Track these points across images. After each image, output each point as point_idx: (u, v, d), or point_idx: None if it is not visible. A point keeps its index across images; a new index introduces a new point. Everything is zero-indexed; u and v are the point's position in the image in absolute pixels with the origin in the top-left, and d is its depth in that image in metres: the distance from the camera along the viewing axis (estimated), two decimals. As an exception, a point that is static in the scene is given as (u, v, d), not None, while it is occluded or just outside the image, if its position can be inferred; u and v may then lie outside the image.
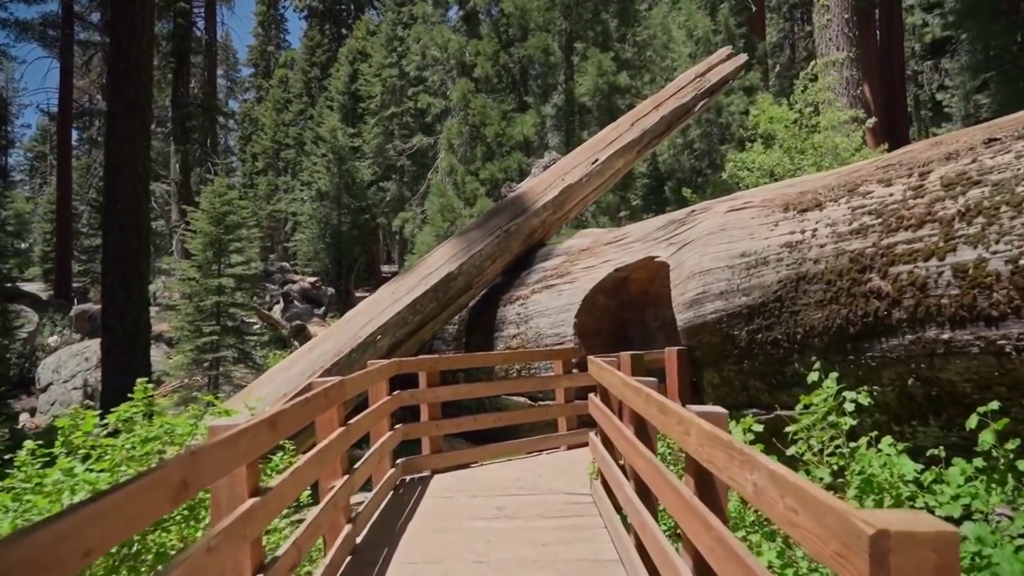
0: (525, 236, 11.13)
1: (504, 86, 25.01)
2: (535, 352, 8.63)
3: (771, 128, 13.22)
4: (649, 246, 8.35)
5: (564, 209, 11.60)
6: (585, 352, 8.84)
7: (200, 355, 21.42)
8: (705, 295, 6.75)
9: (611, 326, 9.20)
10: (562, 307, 9.24)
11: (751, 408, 6.61)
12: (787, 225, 6.28)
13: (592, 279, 9.01)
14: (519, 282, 10.61)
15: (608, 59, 23.77)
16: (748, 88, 28.66)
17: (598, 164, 11.88)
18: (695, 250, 7.11)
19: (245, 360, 22.91)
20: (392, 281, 10.66)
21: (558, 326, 9.19)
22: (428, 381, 7.54)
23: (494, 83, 24.91)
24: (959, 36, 20.73)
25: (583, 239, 10.43)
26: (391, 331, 9.70)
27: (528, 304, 9.95)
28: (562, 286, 9.50)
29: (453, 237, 11.42)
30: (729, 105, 28.30)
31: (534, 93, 24.95)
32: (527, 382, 8.36)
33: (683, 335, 7.05)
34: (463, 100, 24.75)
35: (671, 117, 12.81)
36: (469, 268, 10.43)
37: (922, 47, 26.28)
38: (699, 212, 7.91)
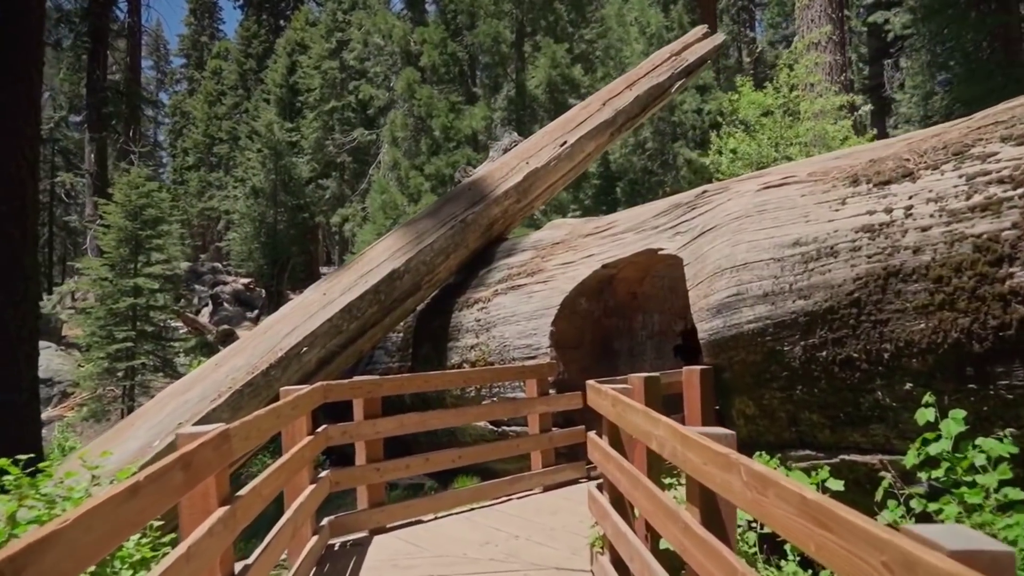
0: (484, 227, 9.18)
1: (452, 76, 23.00)
2: (503, 370, 6.69)
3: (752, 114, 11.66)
4: (647, 236, 6.51)
5: (529, 197, 9.69)
6: (564, 368, 6.94)
7: (113, 363, 18.80)
8: (741, 298, 4.91)
9: (594, 336, 7.33)
10: (534, 312, 7.33)
11: (801, 449, 4.81)
12: (861, 203, 4.49)
13: (572, 278, 7.12)
14: (478, 282, 8.65)
15: (562, 50, 22.03)
16: (701, 87, 27.36)
17: (567, 147, 10.02)
18: (722, 238, 5.27)
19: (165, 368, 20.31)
20: (323, 280, 8.56)
21: (529, 335, 7.27)
22: (366, 410, 5.52)
23: (441, 73, 22.88)
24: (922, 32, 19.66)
25: (555, 231, 8.55)
26: (321, 342, 7.62)
27: (490, 308, 8.00)
28: (533, 287, 7.58)
29: (399, 228, 9.39)
30: (682, 103, 26.93)
31: (484, 85, 23.02)
32: (495, 408, 6.41)
33: (707, 350, 5.21)
34: (408, 91, 22.65)
35: (646, 97, 11.04)
36: (418, 265, 8.42)
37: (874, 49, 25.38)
38: (714, 193, 6.09)
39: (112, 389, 19.56)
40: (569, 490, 6.55)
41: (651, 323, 7.83)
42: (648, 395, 4.46)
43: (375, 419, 5.52)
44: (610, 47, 24.79)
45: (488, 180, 9.56)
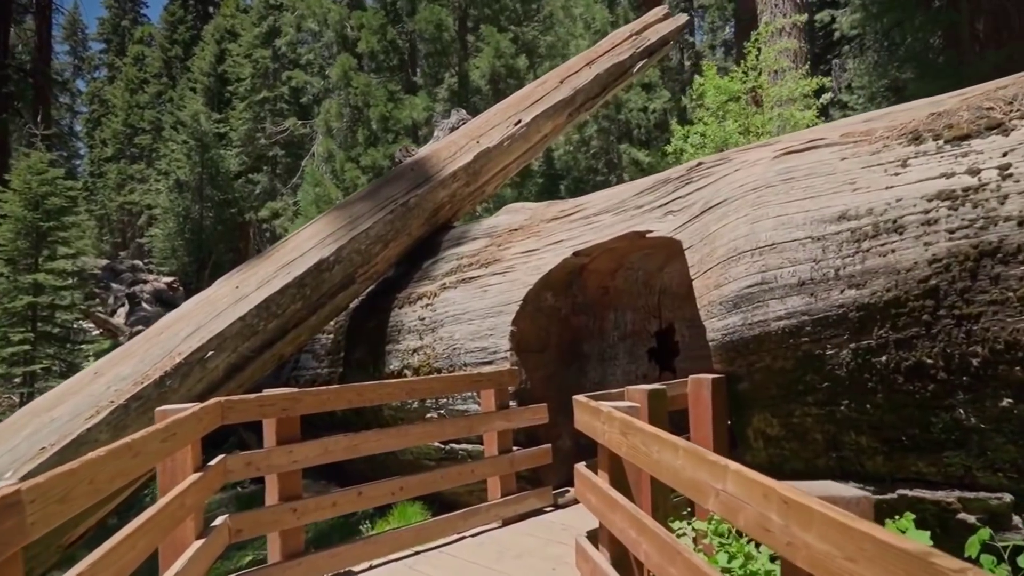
0: (429, 213, 7.90)
1: (392, 65, 21.59)
2: (454, 378, 5.41)
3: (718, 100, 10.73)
4: (630, 217, 5.36)
5: (480, 180, 8.46)
6: (527, 375, 5.73)
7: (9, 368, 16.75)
8: (767, 287, 3.80)
9: (561, 337, 6.15)
10: (490, 309, 6.09)
11: (842, 480, 3.71)
12: (931, 164, 3.42)
13: (535, 268, 5.91)
14: (422, 275, 7.37)
15: (506, 40, 20.89)
16: (647, 85, 26.65)
17: (522, 126, 8.83)
18: (737, 214, 4.15)
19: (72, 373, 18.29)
20: (237, 271, 7.14)
21: (484, 336, 6.03)
22: (280, 433, 4.18)
23: (380, 60, 21.45)
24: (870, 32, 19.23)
25: (513, 215, 7.33)
26: (231, 344, 6.21)
27: (437, 305, 6.73)
28: (488, 279, 6.34)
29: (330, 211, 8.02)
30: (628, 102, 26.16)
31: (425, 74, 21.68)
32: (444, 426, 5.13)
33: (719, 353, 4.07)
34: (344, 78, 21.14)
35: (607, 77, 9.94)
36: (351, 254, 7.09)
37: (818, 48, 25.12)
38: (713, 165, 4.98)
39: (9, 397, 17.47)
40: (534, 524, 5.34)
41: (623, 322, 6.70)
42: (652, 414, 3.31)
43: (292, 444, 4.19)
44: (556, 41, 23.81)
45: (433, 160, 8.29)
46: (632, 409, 3.14)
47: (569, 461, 6.23)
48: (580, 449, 6.15)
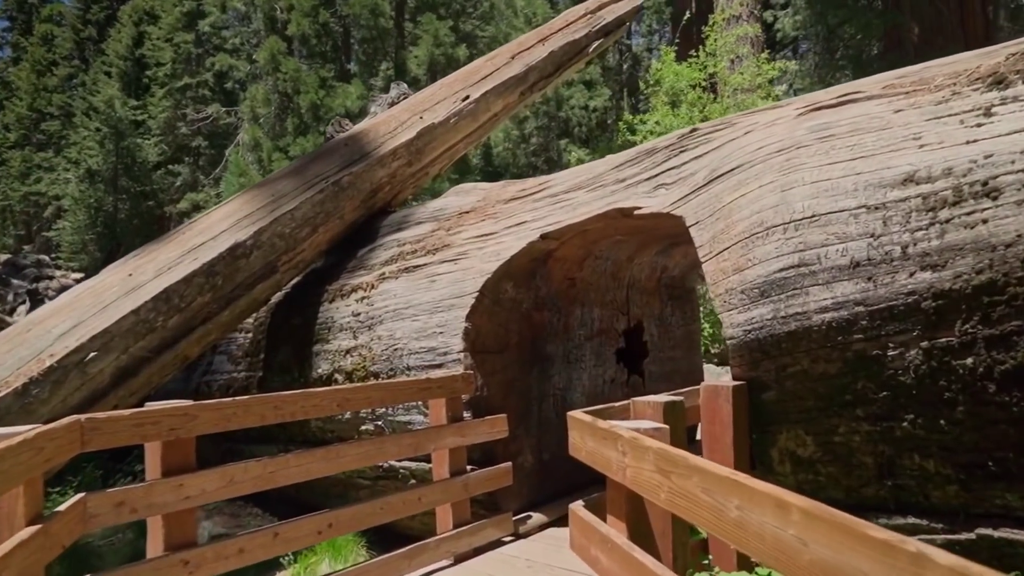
0: (365, 194, 6.85)
1: (324, 50, 20.28)
2: (398, 386, 4.38)
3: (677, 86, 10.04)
4: (611, 193, 4.46)
5: (423, 160, 7.45)
6: (483, 381, 4.79)
7: None
8: (806, 271, 2.95)
9: (522, 335, 5.20)
10: (438, 302, 5.10)
11: (899, 515, 2.91)
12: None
13: (494, 254, 4.96)
14: (357, 264, 6.32)
15: (446, 28, 19.91)
16: (588, 82, 26.12)
17: (470, 102, 7.87)
18: (759, 181, 3.29)
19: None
20: (132, 256, 5.93)
21: (431, 335, 5.04)
22: (168, 460, 3.12)
23: (312, 45, 20.11)
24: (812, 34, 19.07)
25: (463, 197, 6.35)
26: (120, 343, 5.03)
27: (374, 298, 5.70)
28: (436, 268, 5.36)
29: (249, 190, 6.88)
30: (569, 99, 25.59)
31: (360, 61, 20.48)
32: (385, 445, 4.09)
33: (739, 355, 3.20)
34: (272, 62, 19.74)
35: (561, 55, 9.08)
36: (273, 239, 5.99)
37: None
38: (712, 130, 4.14)
39: None
40: (493, 560, 4.38)
41: (591, 319, 5.81)
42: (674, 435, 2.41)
43: (183, 476, 3.12)
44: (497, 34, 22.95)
45: (371, 135, 7.24)
46: (659, 432, 2.24)
47: (531, 480, 5.31)
48: (543, 466, 5.24)
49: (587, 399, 5.75)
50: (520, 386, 5.13)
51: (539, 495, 5.20)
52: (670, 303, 6.83)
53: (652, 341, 6.52)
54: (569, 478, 5.48)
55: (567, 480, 5.47)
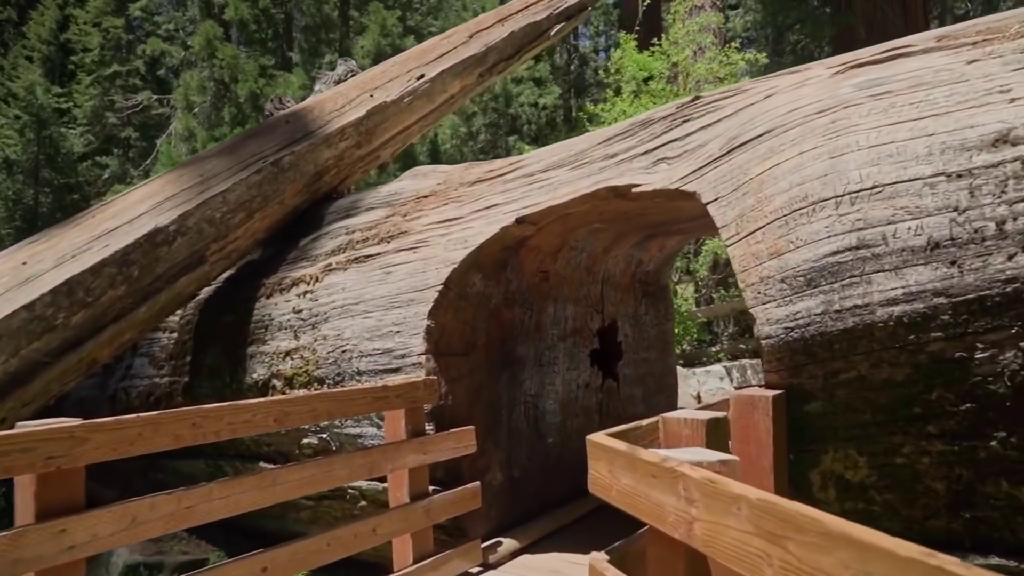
0: (309, 177, 6.06)
1: (265, 37, 19.18)
2: (347, 395, 3.62)
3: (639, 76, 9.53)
4: (599, 170, 3.82)
5: (374, 141, 6.70)
6: (448, 387, 4.10)
7: None
8: (866, 255, 2.36)
9: (491, 335, 4.51)
10: (395, 297, 4.38)
11: (976, 553, 2.35)
12: None
13: (461, 242, 4.26)
14: (300, 255, 5.53)
15: (393, 18, 19.07)
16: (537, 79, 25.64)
17: (425, 81, 7.15)
18: (798, 147, 2.69)
19: None
20: (28, 242, 5.00)
21: (386, 334, 4.31)
22: (44, 499, 2.33)
23: (252, 31, 18.99)
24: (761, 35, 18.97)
25: (420, 180, 5.63)
26: (10, 345, 4.15)
27: (319, 293, 4.94)
28: (392, 257, 4.63)
29: (173, 169, 6.00)
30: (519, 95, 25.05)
31: (303, 49, 19.44)
32: (333, 467, 3.34)
33: (776, 358, 2.59)
34: (208, 48, 18.54)
35: (522, 37, 8.44)
36: (201, 224, 5.16)
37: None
38: (718, 98, 3.55)
39: None
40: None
41: (564, 317, 5.17)
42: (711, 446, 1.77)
43: (66, 518, 2.34)
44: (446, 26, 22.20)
45: (316, 113, 6.45)
46: (728, 466, 1.59)
47: (500, 500, 4.63)
48: (514, 484, 4.57)
49: (560, 406, 5.12)
50: (488, 393, 4.45)
51: (509, 516, 4.53)
52: (644, 300, 6.26)
53: (627, 342, 5.93)
54: (541, 496, 4.83)
55: (539, 498, 4.82)
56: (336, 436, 4.67)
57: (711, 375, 9.00)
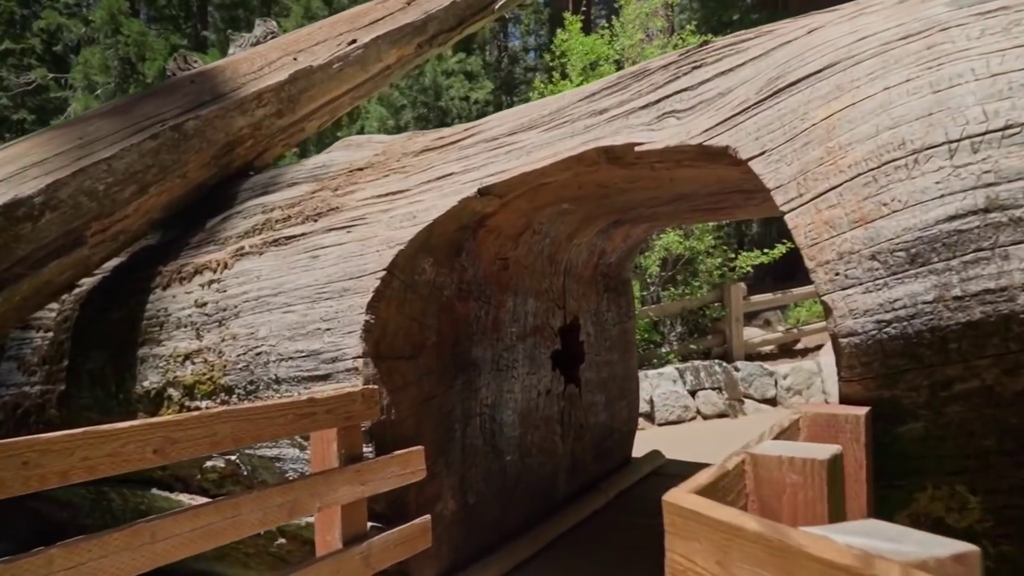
0: (219, 147, 5.08)
1: (176, 13, 17.69)
2: (261, 412, 2.74)
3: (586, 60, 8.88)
4: (584, 129, 3.06)
5: (298, 111, 5.76)
6: (391, 398, 3.26)
7: None
8: (998, 221, 1.68)
9: (443, 334, 3.69)
10: (323, 287, 3.50)
11: None
12: None
13: (408, 218, 3.43)
14: (205, 237, 4.57)
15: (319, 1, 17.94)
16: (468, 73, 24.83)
17: (358, 47, 6.25)
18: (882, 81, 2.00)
19: None
20: None
21: (313, 333, 3.43)
22: None
23: (161, 7, 17.49)
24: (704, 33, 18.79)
25: (354, 151, 4.75)
26: None
27: (227, 282, 4.00)
28: (320, 239, 3.75)
29: (47, 130, 4.93)
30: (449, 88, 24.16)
31: (218, 28, 18.02)
32: (240, 509, 2.48)
33: (861, 361, 1.89)
34: (111, 23, 16.95)
35: (464, 7, 7.62)
36: (77, 197, 4.14)
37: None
38: (737, 41, 2.86)
39: None
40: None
41: (524, 313, 4.40)
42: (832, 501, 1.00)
43: None
44: (373, 12, 21.14)
45: (228, 74, 5.47)
46: (968, 561, 0.86)
47: (453, 533, 3.81)
48: (469, 513, 3.76)
49: (520, 418, 4.34)
50: (440, 404, 3.63)
51: (464, 553, 3.73)
52: (606, 296, 5.56)
53: (589, 342, 5.21)
54: (500, 524, 4.04)
55: (497, 527, 4.03)
56: (248, 458, 3.76)
57: (664, 377, 8.43)
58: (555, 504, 4.66)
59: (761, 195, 4.17)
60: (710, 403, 8.59)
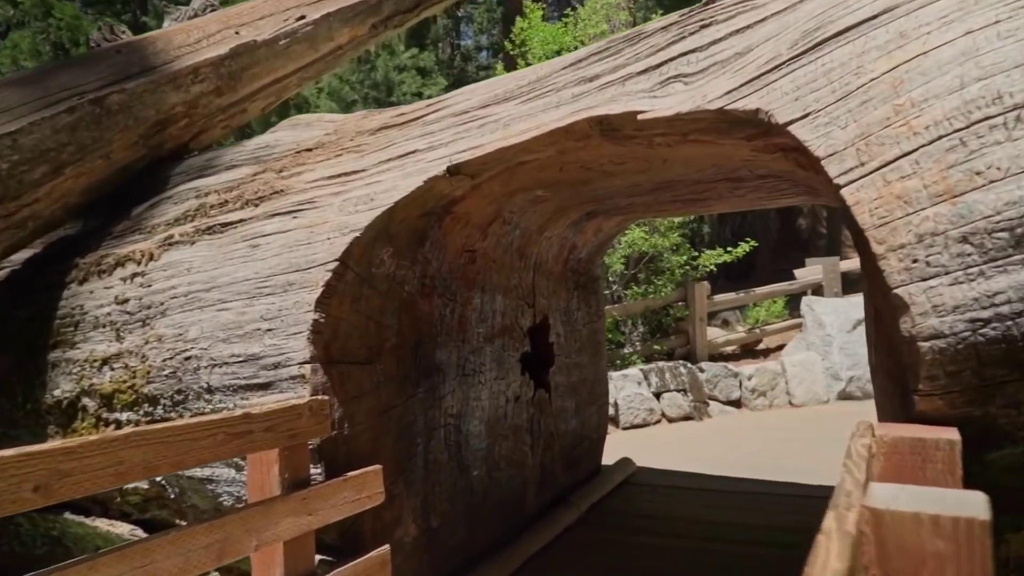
0: (149, 126, 4.49)
1: (113, -3, 16.67)
2: (181, 433, 2.23)
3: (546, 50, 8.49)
4: (573, 99, 2.63)
5: (240, 90, 5.19)
6: (343, 410, 2.76)
7: None
8: None
9: (403, 335, 3.21)
10: (265, 280, 2.99)
11: None
12: None
13: (365, 202, 2.94)
14: (130, 226, 3.98)
15: (267, -12, 17.09)
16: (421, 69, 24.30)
17: (307, 23, 5.70)
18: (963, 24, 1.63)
19: None
20: None
21: (252, 334, 2.92)
22: None
23: (96, -11, 16.45)
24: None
25: (302, 130, 4.22)
26: None
27: (154, 276, 3.44)
28: (262, 225, 3.23)
29: (-61, 102, 4.25)
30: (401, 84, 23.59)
31: (158, 14, 17.02)
32: (154, 558, 1.99)
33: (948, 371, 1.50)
34: (41, 5, 15.90)
35: (421, -12, 7.16)
36: (-24, 176, 3.52)
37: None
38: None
39: None
40: None
41: (492, 312, 3.95)
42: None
43: None
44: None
45: (161, 45, 4.87)
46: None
47: (415, 562, 3.31)
48: (432, 538, 3.29)
49: (487, 428, 3.89)
50: (400, 416, 3.15)
51: (426, 584, 3.25)
52: (576, 293, 5.15)
53: (559, 343, 4.79)
54: (465, 548, 3.58)
55: (463, 551, 3.57)
56: (176, 479, 3.22)
57: (628, 379, 8.08)
58: (524, 521, 4.22)
59: (751, 184, 3.80)
60: (675, 405, 8.28)
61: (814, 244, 19.16)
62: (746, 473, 5.64)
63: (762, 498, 4.90)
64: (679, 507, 4.74)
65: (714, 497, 4.95)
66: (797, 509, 4.58)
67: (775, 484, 5.26)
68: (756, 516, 4.48)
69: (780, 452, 6.67)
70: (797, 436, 7.28)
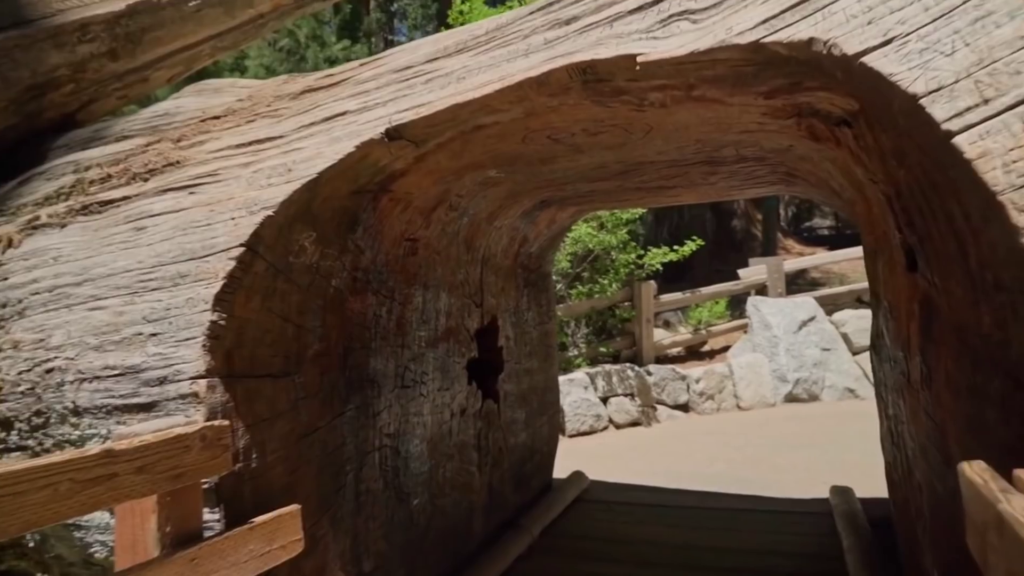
0: (21, 90, 3.74)
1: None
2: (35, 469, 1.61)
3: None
4: (546, 45, 2.10)
5: (140, 56, 4.44)
6: (250, 436, 2.12)
7: None
8: None
9: (329, 341, 2.60)
10: (150, 272, 2.34)
11: None
12: None
13: (280, 172, 2.33)
14: (-11, 205, 3.22)
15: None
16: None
17: (223, -13, 4.99)
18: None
19: None
20: None
21: (132, 341, 2.27)
22: None
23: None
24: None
25: (209, 96, 3.55)
26: None
27: (13, 267, 2.72)
28: (150, 203, 2.57)
29: None
30: (333, 77, 22.77)
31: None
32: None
33: None
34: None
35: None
36: None
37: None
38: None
39: None
40: None
41: (436, 312, 3.37)
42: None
43: None
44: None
45: (40, -3, 4.09)
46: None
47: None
48: (366, 589, 2.69)
49: (429, 447, 3.31)
50: (324, 440, 2.54)
51: (356, 644, 2.65)
52: (527, 291, 4.63)
53: (509, 347, 4.25)
54: (404, 593, 2.99)
55: (401, 598, 2.98)
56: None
57: (574, 384, 7.61)
58: (471, 552, 3.66)
59: (728, 168, 3.34)
60: (623, 411, 7.86)
61: (748, 245, 19.24)
62: (703, 485, 5.23)
63: (726, 515, 4.47)
64: (639, 528, 4.27)
65: (676, 515, 4.50)
66: (768, 527, 4.18)
67: (737, 498, 4.86)
68: (725, 537, 4.04)
69: (736, 460, 6.31)
70: (750, 442, 6.96)
